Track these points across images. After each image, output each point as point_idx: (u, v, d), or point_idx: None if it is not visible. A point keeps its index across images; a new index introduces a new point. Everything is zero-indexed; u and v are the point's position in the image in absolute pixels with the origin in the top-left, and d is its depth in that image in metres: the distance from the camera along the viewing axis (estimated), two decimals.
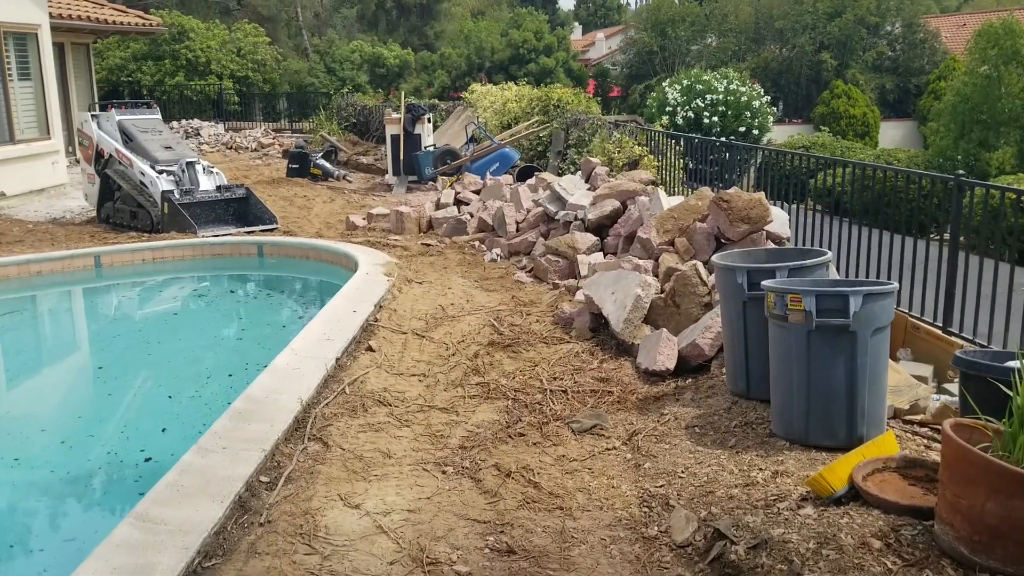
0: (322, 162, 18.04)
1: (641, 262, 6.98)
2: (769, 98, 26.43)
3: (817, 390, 4.25)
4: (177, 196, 11.76)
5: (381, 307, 7.31)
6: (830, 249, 7.31)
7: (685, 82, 25.29)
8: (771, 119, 25.94)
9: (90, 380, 7.05)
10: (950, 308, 6.09)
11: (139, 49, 29.27)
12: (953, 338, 5.97)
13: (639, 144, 11.87)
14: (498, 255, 9.51)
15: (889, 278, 6.59)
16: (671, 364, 5.65)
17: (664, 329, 5.85)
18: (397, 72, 37.14)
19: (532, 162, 14.93)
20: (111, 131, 12.84)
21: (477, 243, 10.16)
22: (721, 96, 24.62)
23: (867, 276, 6.89)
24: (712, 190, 7.84)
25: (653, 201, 7.94)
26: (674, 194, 10.72)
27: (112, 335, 8.08)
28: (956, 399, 4.61)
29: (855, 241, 7.02)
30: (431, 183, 16.05)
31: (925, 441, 4.29)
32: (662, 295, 6.46)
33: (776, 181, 9.00)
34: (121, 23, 22.19)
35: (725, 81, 25.06)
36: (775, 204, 8.00)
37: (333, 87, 32.91)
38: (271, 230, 12.04)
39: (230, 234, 11.40)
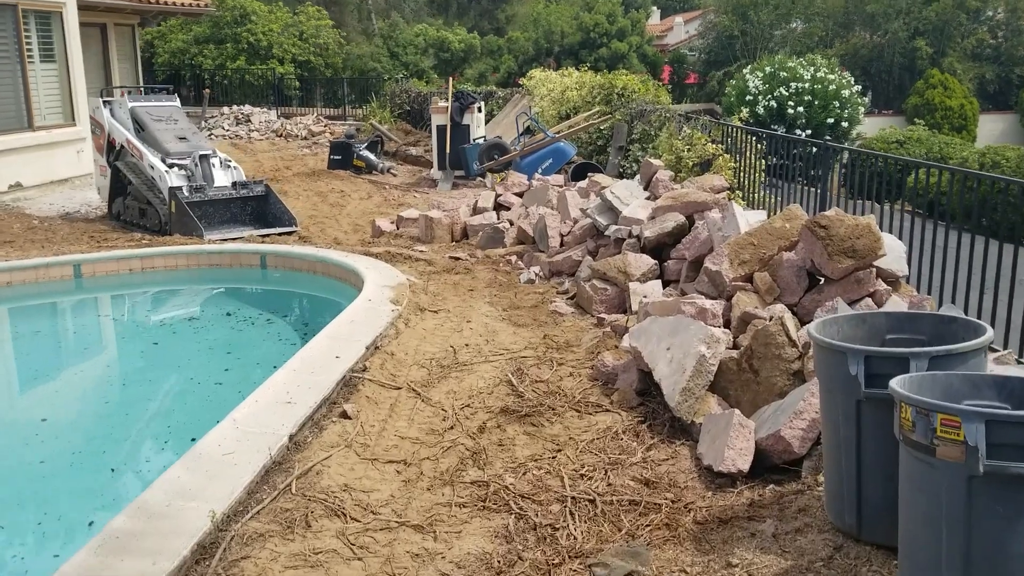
0: (366, 153, 16.69)
1: (708, 304, 5.34)
2: (859, 88, 24.20)
3: (983, 570, 2.61)
4: (186, 194, 10.48)
5: (376, 349, 5.82)
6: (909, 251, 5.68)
7: (768, 69, 23.24)
8: (862, 110, 23.75)
9: (28, 439, 5.68)
10: None
11: (201, 32, 28.50)
12: None
13: (713, 141, 10.15)
14: (536, 275, 7.94)
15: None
16: (744, 464, 4.03)
17: (736, 411, 4.22)
18: (462, 57, 35.76)
19: (591, 158, 13.29)
20: (124, 119, 11.63)
21: (514, 258, 8.60)
22: (807, 85, 22.53)
23: (969, 298, 5.15)
24: (800, 206, 6.16)
25: (727, 218, 6.27)
26: (753, 204, 9.00)
27: (70, 372, 6.76)
28: None
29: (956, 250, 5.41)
30: (479, 179, 14.54)
31: None
32: (734, 352, 4.83)
33: (866, 179, 7.34)
34: (166, 3, 21.18)
35: (812, 68, 22.95)
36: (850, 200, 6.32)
37: (396, 72, 31.73)
38: (289, 233, 10.69)
39: (241, 238, 10.07)
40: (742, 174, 9.70)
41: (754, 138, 9.61)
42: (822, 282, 5.40)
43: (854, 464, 3.25)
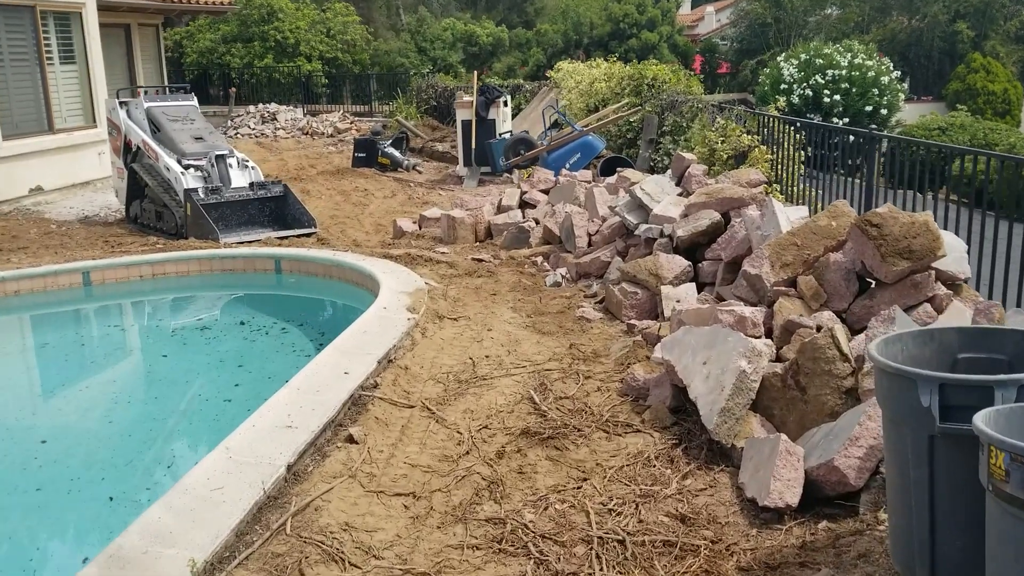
0: (390, 150, 16.32)
1: (748, 312, 4.87)
2: (898, 73, 23.40)
3: None
4: (201, 195, 10.16)
5: (390, 362, 5.42)
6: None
7: (803, 56, 22.53)
8: (902, 97, 22.94)
9: (26, 463, 5.36)
10: None
11: (229, 31, 28.40)
12: None
13: (748, 132, 9.64)
14: (563, 277, 7.50)
15: None
16: (793, 498, 3.57)
17: (782, 437, 3.76)
18: (490, 51, 35.41)
19: (620, 152, 12.81)
20: (140, 120, 11.34)
21: (540, 259, 8.17)
22: (844, 72, 21.80)
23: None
24: (845, 200, 5.67)
25: (766, 216, 5.79)
26: (793, 199, 8.49)
27: (74, 389, 6.43)
28: None
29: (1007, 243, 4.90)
30: (506, 175, 14.11)
31: None
32: (778, 366, 4.37)
33: (906, 168, 6.84)
34: (190, 1, 20.97)
35: (849, 55, 22.21)
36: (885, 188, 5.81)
37: (424, 67, 31.45)
38: (308, 235, 10.33)
39: (258, 241, 9.73)
40: (779, 166, 9.19)
41: (792, 128, 9.09)
42: (873, 286, 4.93)
43: (926, 511, 2.78)
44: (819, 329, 4.65)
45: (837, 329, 4.13)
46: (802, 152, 9.01)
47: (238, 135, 23.16)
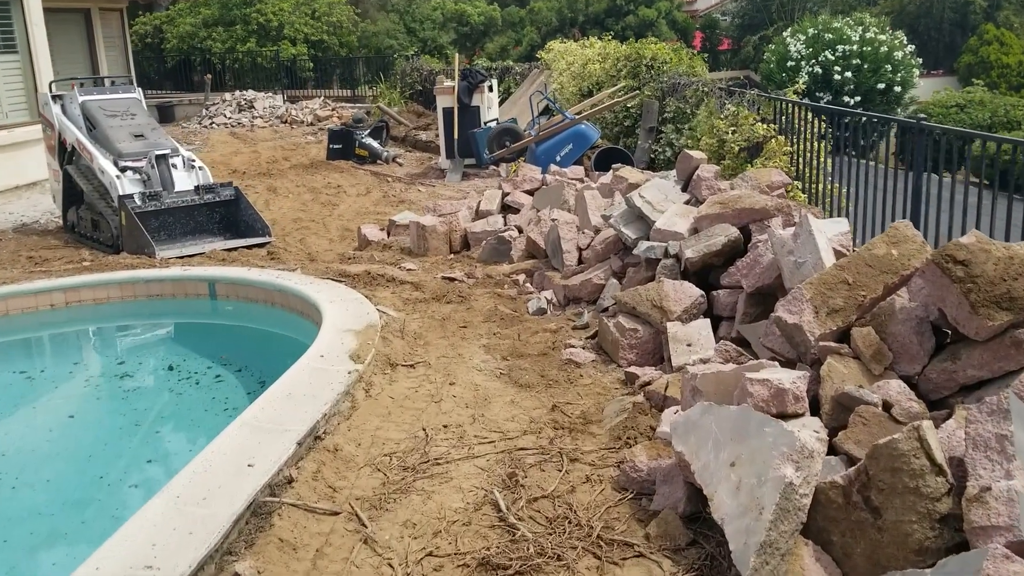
0: (368, 141, 15.04)
1: (787, 382, 3.58)
2: (912, 48, 22.01)
3: None
4: (137, 202, 8.88)
5: (317, 440, 4.18)
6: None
7: (811, 31, 21.18)
8: (916, 73, 21.58)
9: None
10: None
11: (210, 15, 27.14)
12: None
13: (763, 119, 8.35)
14: (548, 302, 6.24)
15: None
16: None
17: None
18: (482, 31, 34.05)
19: (616, 142, 11.52)
20: (75, 116, 10.05)
21: (522, 277, 6.90)
22: (855, 47, 20.45)
23: None
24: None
25: (800, 236, 4.51)
26: (817, 199, 7.23)
27: None
28: None
29: None
30: (492, 168, 12.83)
31: None
32: (838, 473, 3.12)
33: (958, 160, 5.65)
34: None
35: (860, 29, 20.84)
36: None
37: (413, 48, 30.13)
38: (261, 245, 9.07)
39: (200, 253, 8.47)
40: (799, 160, 7.91)
41: (815, 116, 7.80)
42: (949, 340, 3.67)
43: None
44: (887, 407, 3.39)
45: (926, 428, 2.86)
46: (826, 143, 7.74)
47: (213, 125, 21.84)
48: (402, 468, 3.97)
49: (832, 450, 3.35)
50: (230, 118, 22.21)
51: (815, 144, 7.69)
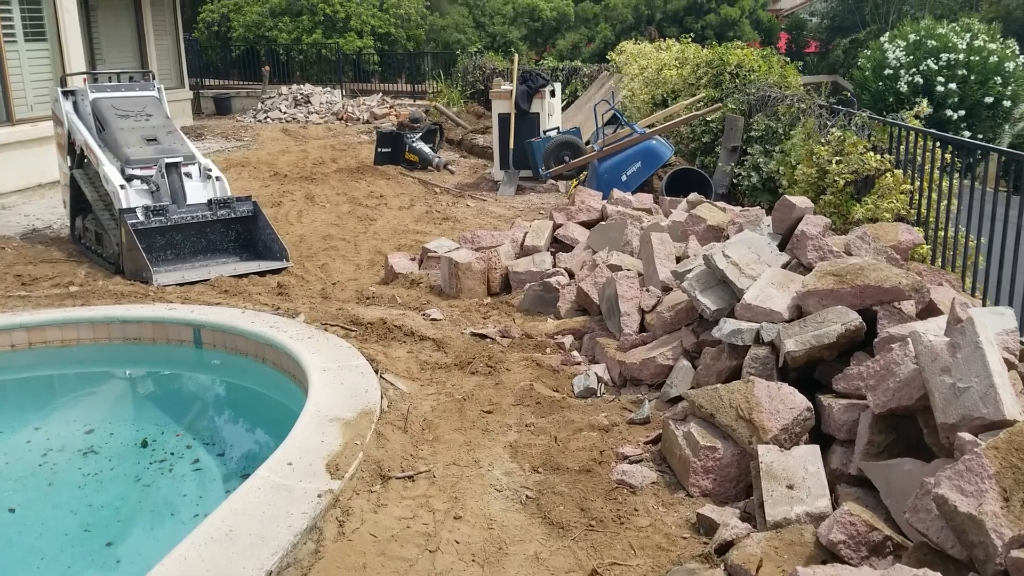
0: (419, 145, 13.82)
1: None
2: None
3: None
4: (140, 217, 7.79)
5: None
6: None
7: (911, 37, 19.29)
8: None
9: None
10: None
11: (277, 4, 26.34)
12: None
13: (874, 148, 6.87)
14: (599, 381, 4.90)
15: None
16: None
17: None
18: (554, 26, 32.75)
19: (693, 161, 10.09)
20: (86, 114, 9.02)
21: (569, 340, 5.56)
22: (961, 56, 18.53)
23: None
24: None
25: (963, 351, 3.10)
26: (942, 251, 5.76)
27: None
28: None
29: None
30: (551, 182, 11.51)
31: None
32: None
33: None
34: None
35: (967, 36, 18.90)
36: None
37: (480, 44, 29.03)
38: (277, 271, 7.90)
39: (206, 280, 7.33)
40: (921, 204, 6.43)
41: (946, 147, 6.29)
42: None
43: None
44: None
45: None
46: (952, 180, 6.23)
47: (268, 119, 20.97)
48: None
49: None
50: (285, 113, 21.30)
51: (943, 183, 6.20)
